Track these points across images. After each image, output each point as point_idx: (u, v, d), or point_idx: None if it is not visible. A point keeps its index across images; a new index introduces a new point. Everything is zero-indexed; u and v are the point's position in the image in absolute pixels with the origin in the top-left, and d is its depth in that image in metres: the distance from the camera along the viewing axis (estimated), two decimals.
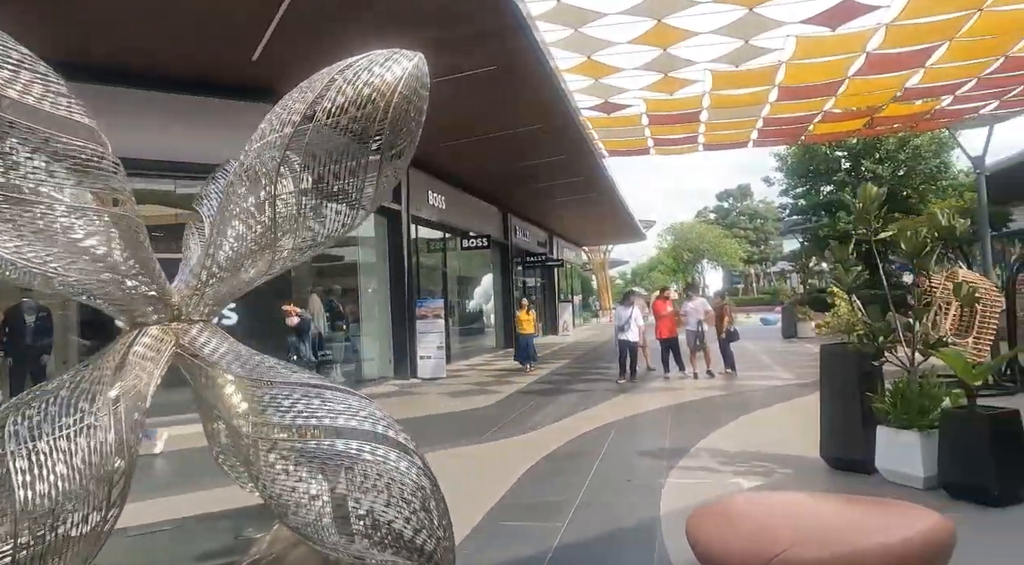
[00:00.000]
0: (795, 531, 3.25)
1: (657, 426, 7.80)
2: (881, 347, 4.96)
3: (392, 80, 2.00)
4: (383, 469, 1.93)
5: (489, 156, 15.60)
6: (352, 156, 2.01)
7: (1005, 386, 8.98)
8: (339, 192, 2.04)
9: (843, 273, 5.09)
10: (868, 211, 5.05)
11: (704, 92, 15.22)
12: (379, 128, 1.98)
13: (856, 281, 5.04)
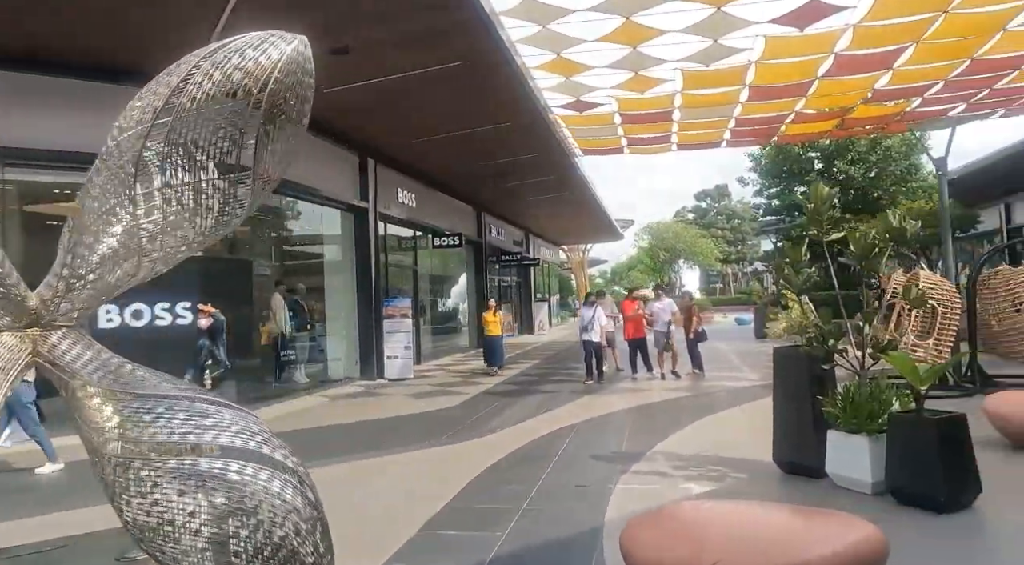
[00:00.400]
0: (728, 541, 3.14)
1: (617, 428, 7.69)
2: (831, 350, 4.88)
3: (267, 65, 1.83)
4: (252, 490, 1.77)
5: (459, 154, 15.42)
6: (223, 147, 1.83)
7: (965, 387, 9.01)
8: (209, 187, 1.87)
9: (793, 274, 5.00)
10: (820, 212, 4.97)
11: (675, 91, 15.16)
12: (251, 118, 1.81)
13: (806, 283, 4.96)
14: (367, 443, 7.51)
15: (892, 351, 4.70)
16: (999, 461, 5.65)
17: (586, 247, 48.95)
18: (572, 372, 13.70)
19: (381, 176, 14.50)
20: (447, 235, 18.27)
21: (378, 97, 11.14)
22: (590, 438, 7.26)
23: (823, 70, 13.93)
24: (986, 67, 14.11)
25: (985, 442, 6.12)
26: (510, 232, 26.87)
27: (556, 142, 15.95)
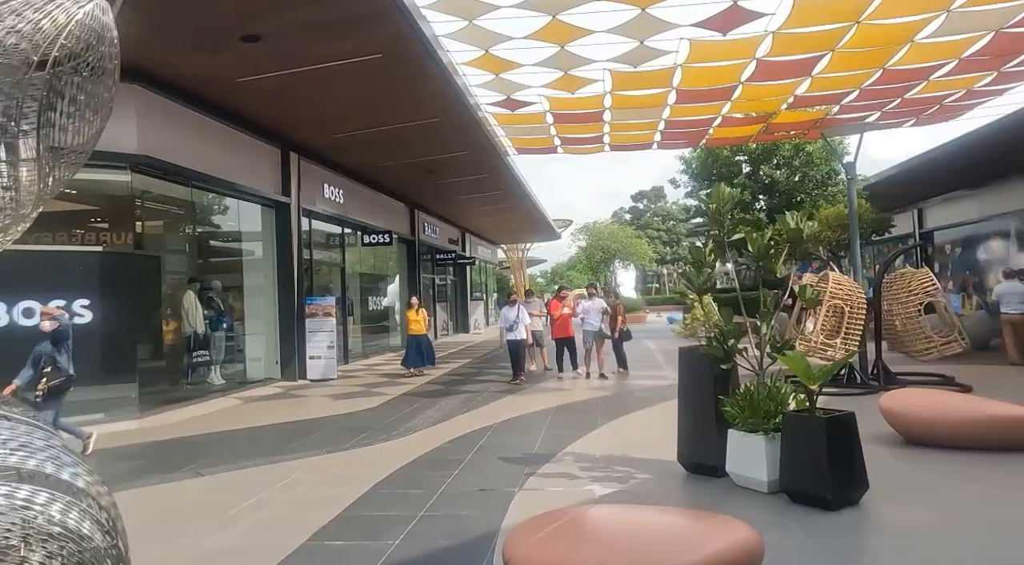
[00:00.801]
0: (608, 545, 3.07)
1: (533, 429, 7.61)
2: (730, 350, 4.90)
3: (50, 30, 1.60)
4: (25, 516, 1.55)
5: (388, 149, 15.10)
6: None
7: (870, 385, 9.34)
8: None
9: (694, 274, 5.02)
10: (721, 212, 4.99)
11: (605, 92, 15.27)
12: (30, 89, 1.59)
13: (706, 282, 4.97)
14: (273, 447, 7.20)
15: (789, 351, 4.75)
16: (891, 456, 5.82)
17: (525, 246, 49.03)
18: (501, 372, 13.60)
19: (305, 170, 14.06)
20: (378, 232, 17.89)
21: (297, 88, 10.76)
22: (504, 439, 7.15)
23: (746, 75, 14.27)
24: (897, 77, 14.74)
25: (880, 438, 6.32)
26: (446, 230, 26.61)
27: (487, 140, 15.82)
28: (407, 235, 21.81)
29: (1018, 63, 14.11)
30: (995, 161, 19.48)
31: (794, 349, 4.83)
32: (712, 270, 5.18)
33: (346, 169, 16.12)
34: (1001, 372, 11.06)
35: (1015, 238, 22.51)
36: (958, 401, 5.99)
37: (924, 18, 11.67)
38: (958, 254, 26.03)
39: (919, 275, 9.30)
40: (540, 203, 27.33)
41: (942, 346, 8.91)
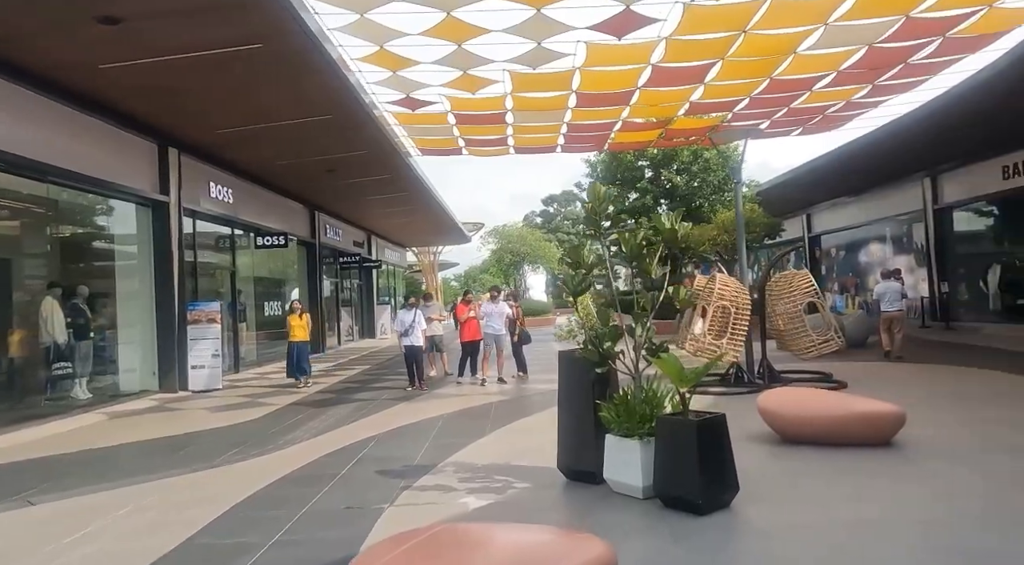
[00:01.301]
0: None
1: (419, 438, 7.30)
2: (606, 353, 4.78)
3: None
4: None
5: (281, 147, 14.40)
6: None
7: (756, 384, 9.60)
8: None
9: (569, 276, 4.88)
10: (597, 212, 4.87)
11: (506, 93, 15.17)
12: None
13: (580, 284, 4.84)
14: (132, 468, 6.55)
15: (664, 353, 4.68)
16: (766, 456, 5.89)
17: (436, 249, 48.52)
18: (399, 378, 13.18)
19: (187, 168, 13.15)
20: (273, 234, 17.04)
21: (172, 79, 9.99)
22: (387, 450, 6.80)
23: (643, 80, 14.52)
24: (783, 87, 15.40)
25: (758, 437, 6.42)
26: (350, 233, 25.82)
27: (386, 139, 15.36)
28: (307, 237, 20.98)
29: (890, 77, 15.06)
30: (871, 170, 20.84)
31: (668, 352, 4.77)
32: (589, 271, 5.07)
33: (235, 167, 15.25)
34: (876, 368, 11.69)
35: (891, 241, 24.18)
36: (829, 399, 6.16)
37: (805, 30, 12.21)
38: (842, 257, 27.74)
39: (799, 277, 9.66)
40: (447, 205, 27.03)
41: (821, 345, 9.28)
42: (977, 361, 11.59)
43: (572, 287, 4.82)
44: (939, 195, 20.47)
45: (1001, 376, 9.86)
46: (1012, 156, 17.16)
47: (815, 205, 27.73)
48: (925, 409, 7.71)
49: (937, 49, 13.36)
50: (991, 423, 6.83)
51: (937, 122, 15.65)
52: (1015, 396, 8.39)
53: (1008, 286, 18.47)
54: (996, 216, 19.58)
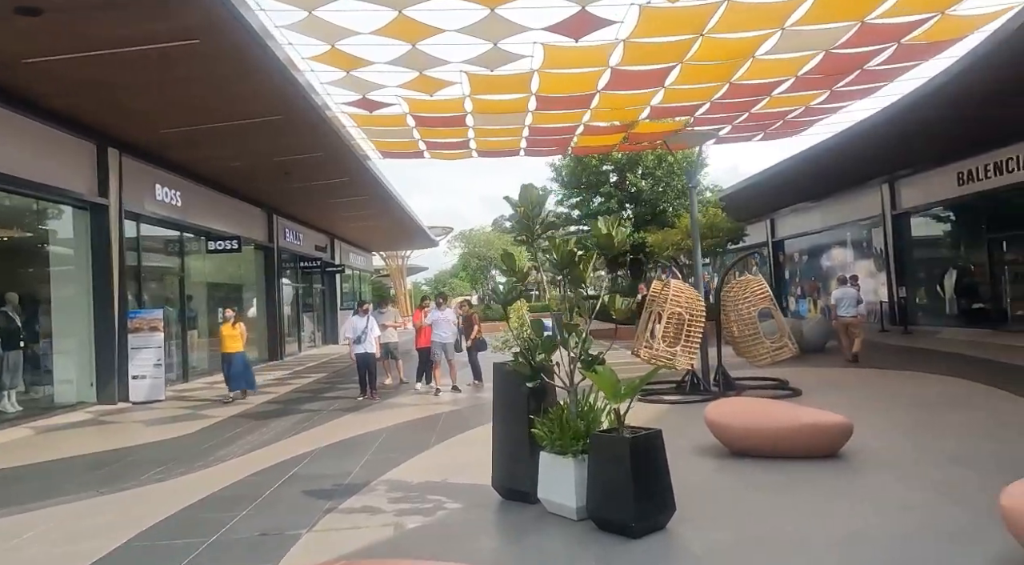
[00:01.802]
0: None
1: (358, 452, 6.96)
2: (538, 366, 4.53)
3: None
4: None
5: (231, 148, 13.92)
6: None
7: (711, 391, 9.44)
8: None
9: (505, 284, 4.62)
10: (530, 216, 4.62)
11: (464, 95, 14.90)
12: None
13: (511, 294, 4.58)
14: (44, 489, 6.10)
15: (599, 366, 4.43)
16: (712, 470, 5.69)
17: (405, 254, 47.99)
18: (353, 387, 12.79)
19: (129, 169, 12.61)
20: (225, 238, 16.50)
21: (105, 74, 9.51)
22: (321, 467, 6.46)
23: (603, 83, 14.38)
24: (743, 91, 15.39)
25: (706, 450, 6.22)
26: (311, 237, 25.28)
27: (341, 141, 14.96)
28: (264, 241, 20.43)
29: (847, 83, 15.14)
30: (831, 175, 21.02)
31: (604, 363, 4.52)
32: (523, 279, 4.81)
33: (184, 169, 14.72)
34: (833, 373, 11.65)
35: (852, 246, 24.44)
36: (776, 410, 5.99)
37: (762, 34, 12.16)
38: (806, 261, 27.99)
39: (753, 283, 9.54)
40: (411, 209, 26.64)
41: (775, 352, 9.15)
42: (933, 366, 11.61)
43: (502, 295, 4.55)
44: (897, 201, 20.71)
45: (955, 382, 9.84)
46: (967, 162, 17.39)
47: (779, 210, 27.96)
48: (876, 417, 7.61)
49: (892, 55, 13.44)
50: (940, 432, 6.73)
51: (893, 129, 15.79)
52: (967, 403, 8.35)
53: (963, 290, 18.73)
54: (952, 221, 19.87)
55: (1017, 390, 8.71)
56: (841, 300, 13.69)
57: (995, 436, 6.49)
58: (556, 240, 4.55)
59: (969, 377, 10.02)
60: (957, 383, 9.74)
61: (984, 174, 16.98)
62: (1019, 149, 15.74)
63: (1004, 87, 12.71)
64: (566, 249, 4.44)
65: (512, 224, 4.55)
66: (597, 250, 4.58)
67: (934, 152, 17.75)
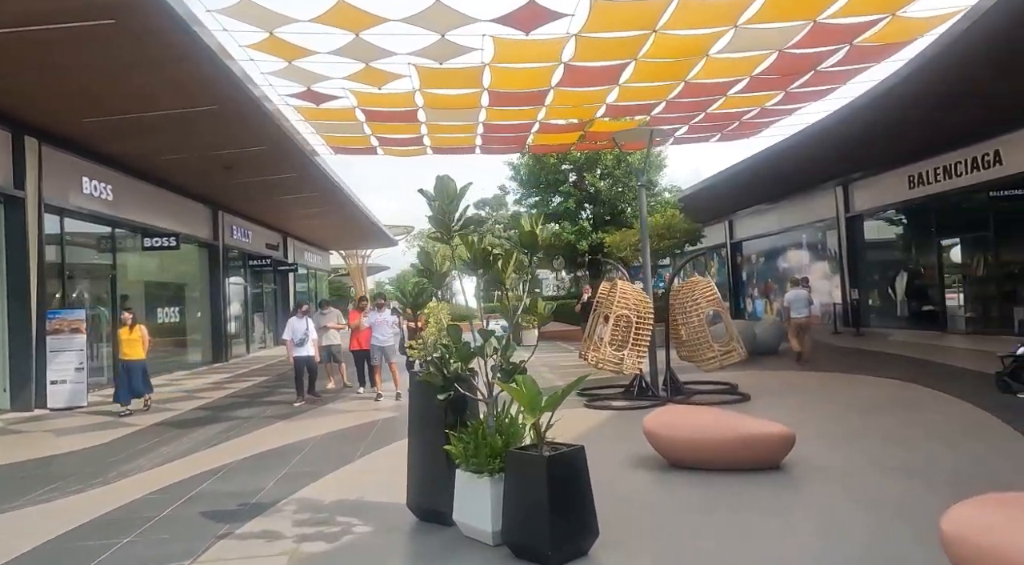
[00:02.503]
0: None
1: (275, 467, 6.45)
2: (452, 376, 4.11)
3: None
4: None
5: (166, 139, 13.18)
6: None
7: (659, 396, 9.15)
8: None
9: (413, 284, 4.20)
10: (446, 211, 4.20)
11: (414, 89, 14.41)
12: None
13: (419, 296, 4.16)
14: None
15: (520, 376, 4.03)
16: (646, 484, 5.35)
17: (365, 253, 47.12)
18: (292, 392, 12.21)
19: (52, 160, 11.82)
20: (163, 235, 15.70)
21: (12, 57, 8.81)
22: (230, 484, 5.93)
23: (556, 79, 14.05)
24: (698, 91, 15.21)
25: (645, 462, 5.88)
26: (262, 234, 24.44)
27: (285, 135, 14.32)
28: (209, 239, 19.60)
29: (801, 85, 15.08)
30: (786, 178, 21.07)
31: (525, 373, 4.13)
32: (443, 279, 4.39)
33: (116, 161, 13.92)
34: (784, 377, 11.48)
35: (808, 248, 24.60)
36: (717, 419, 5.67)
37: (715, 31, 11.95)
38: (762, 263, 28.15)
39: (702, 285, 9.27)
40: (367, 208, 25.98)
41: (722, 356, 8.90)
42: (884, 370, 11.53)
43: (408, 298, 4.12)
44: (851, 203, 20.85)
45: (906, 386, 9.73)
46: (917, 166, 17.53)
47: (737, 212, 28.06)
48: (825, 423, 7.39)
49: (845, 57, 13.39)
50: (887, 440, 6.51)
51: (845, 130, 15.81)
52: (917, 408, 8.20)
53: (914, 293, 18.91)
54: (903, 224, 20.07)
55: (964, 394, 8.60)
56: (794, 302, 13.70)
57: (945, 441, 6.30)
58: (470, 238, 4.14)
59: (920, 381, 9.92)
60: (907, 387, 9.62)
61: (934, 178, 17.13)
62: (966, 153, 15.89)
63: (952, 90, 12.75)
64: (479, 247, 4.04)
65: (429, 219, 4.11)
66: (520, 248, 4.18)
67: (886, 155, 17.87)
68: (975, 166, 15.74)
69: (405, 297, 4.19)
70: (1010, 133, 14.54)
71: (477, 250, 4.03)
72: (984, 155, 15.44)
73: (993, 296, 16.20)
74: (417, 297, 4.13)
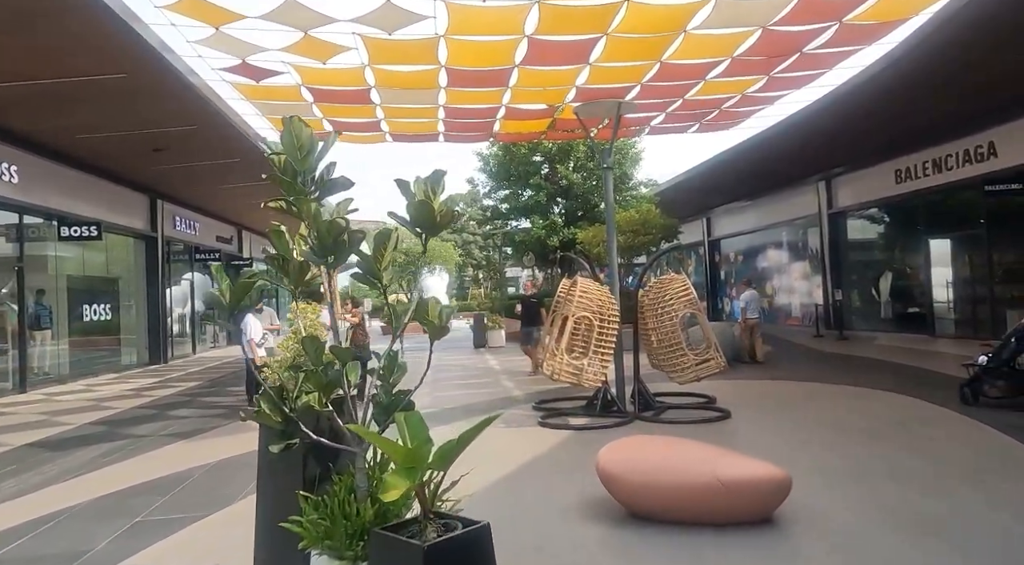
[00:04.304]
0: None
1: (130, 510, 5.09)
2: (293, 416, 2.80)
3: None
4: None
5: (77, 116, 11.68)
6: None
7: (625, 412, 7.91)
8: None
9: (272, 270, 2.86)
10: (298, 168, 2.88)
11: (363, 64, 13.02)
12: None
13: (238, 295, 2.83)
14: None
15: (401, 413, 2.71)
16: (597, 544, 4.07)
17: None
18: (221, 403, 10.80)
19: None
20: (84, 223, 14.14)
21: None
22: (51, 540, 4.55)
23: (520, 56, 12.74)
24: (675, 73, 13.97)
25: (599, 506, 4.61)
26: (211, 226, 22.84)
27: (218, 113, 12.86)
28: (146, 230, 18.01)
29: (785, 68, 13.94)
30: (767, 172, 20.00)
31: (412, 409, 2.82)
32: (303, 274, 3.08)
33: (22, 138, 12.35)
34: (766, 388, 10.32)
35: (788, 246, 23.61)
36: (690, 457, 4.39)
37: (693, 2, 10.76)
38: (741, 261, 27.14)
39: (675, 283, 8.01)
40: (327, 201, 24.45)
41: (699, 366, 7.65)
42: (874, 379, 10.44)
43: (228, 300, 2.77)
44: (833, 199, 19.86)
45: (906, 401, 8.58)
46: (905, 159, 16.55)
47: (715, 209, 27.05)
48: (819, 453, 6.17)
49: (833, 38, 12.27)
50: (897, 477, 5.30)
51: (829, 120, 14.78)
52: (920, 430, 7.03)
53: (900, 294, 17.96)
54: (888, 222, 19.11)
55: (972, 411, 7.48)
56: (749, 302, 13.98)
57: (969, 481, 5.11)
58: (313, 206, 2.83)
59: (918, 394, 8.79)
60: (908, 403, 8.48)
61: (923, 172, 16.14)
62: (958, 145, 14.91)
63: (945, 75, 11.73)
64: (329, 222, 2.73)
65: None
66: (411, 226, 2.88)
67: (871, 147, 16.87)
68: (968, 159, 14.75)
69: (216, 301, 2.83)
70: (1007, 123, 13.56)
71: (324, 226, 2.72)
72: (978, 147, 14.46)
73: (984, 298, 15.23)
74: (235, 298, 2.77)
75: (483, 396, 10.30)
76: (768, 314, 24.17)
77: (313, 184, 2.86)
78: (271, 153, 2.86)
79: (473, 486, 5.42)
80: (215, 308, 2.71)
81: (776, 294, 24.11)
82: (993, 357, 7.76)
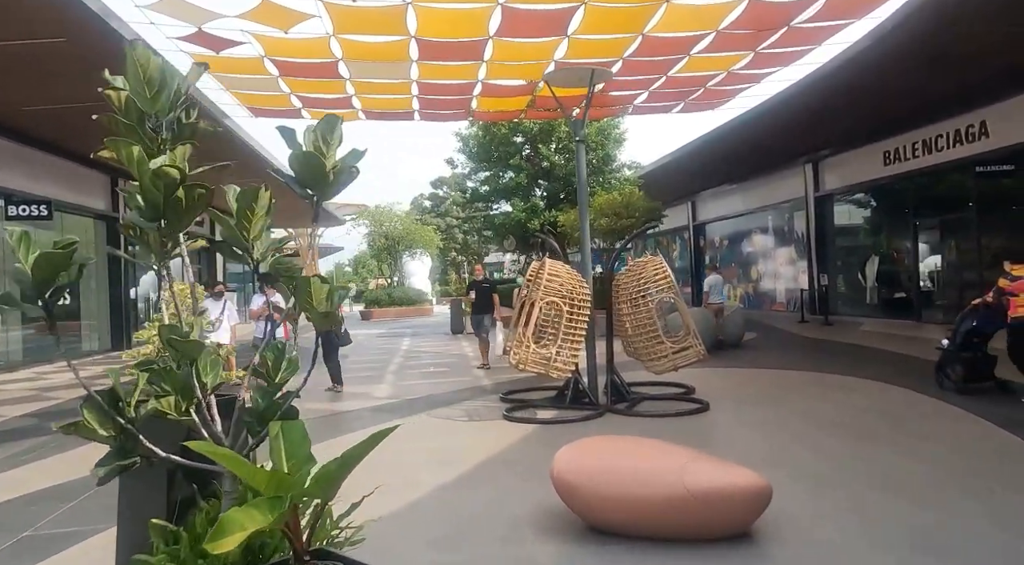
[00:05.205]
0: None
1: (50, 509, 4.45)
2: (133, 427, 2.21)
3: None
4: None
5: (18, 86, 10.90)
6: None
7: (597, 405, 7.37)
8: None
9: None
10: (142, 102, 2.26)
11: (328, 34, 12.26)
12: None
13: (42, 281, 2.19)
14: None
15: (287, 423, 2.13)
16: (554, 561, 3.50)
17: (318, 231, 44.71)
18: None
19: None
20: (32, 202, 13.34)
21: None
22: None
23: (495, 27, 12.04)
24: (658, 48, 13.33)
25: (554, 518, 4.05)
26: None
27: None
28: (105, 210, 17.21)
29: (772, 44, 13.33)
30: (752, 154, 19.44)
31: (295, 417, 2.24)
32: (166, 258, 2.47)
33: None
34: (749, 377, 9.81)
35: (774, 231, 23.13)
36: (655, 463, 3.82)
37: None
38: (727, 246, 26.66)
39: (651, 265, 7.43)
40: None
41: (675, 354, 7.11)
42: (862, 367, 9.99)
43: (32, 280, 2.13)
44: (820, 182, 19.35)
45: (894, 392, 8.12)
46: (894, 140, 16.04)
47: (700, 192, 26.50)
48: (803, 453, 5.65)
49: (822, 10, 11.68)
50: (890, 484, 4.78)
51: (815, 99, 14.23)
52: (913, 426, 6.54)
53: (887, 279, 17.54)
54: (875, 206, 18.64)
55: (966, 403, 7.01)
56: (714, 286, 14.12)
57: (967, 489, 4.58)
58: (136, 151, 2.21)
59: (908, 385, 8.32)
60: (896, 393, 8.01)
61: (911, 153, 15.64)
62: (948, 125, 14.41)
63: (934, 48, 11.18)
64: (155, 171, 2.09)
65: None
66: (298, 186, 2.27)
67: (859, 128, 16.33)
68: (958, 139, 14.26)
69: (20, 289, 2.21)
70: (999, 102, 13.05)
71: (145, 173, 2.09)
72: (969, 127, 13.96)
73: (973, 283, 14.81)
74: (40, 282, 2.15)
75: (449, 386, 9.71)
76: (752, 299, 23.77)
77: (167, 130, 2.22)
78: (107, 88, 2.21)
79: (420, 491, 4.87)
80: (21, 287, 2.08)
81: (761, 279, 23.66)
82: (950, 341, 7.82)
